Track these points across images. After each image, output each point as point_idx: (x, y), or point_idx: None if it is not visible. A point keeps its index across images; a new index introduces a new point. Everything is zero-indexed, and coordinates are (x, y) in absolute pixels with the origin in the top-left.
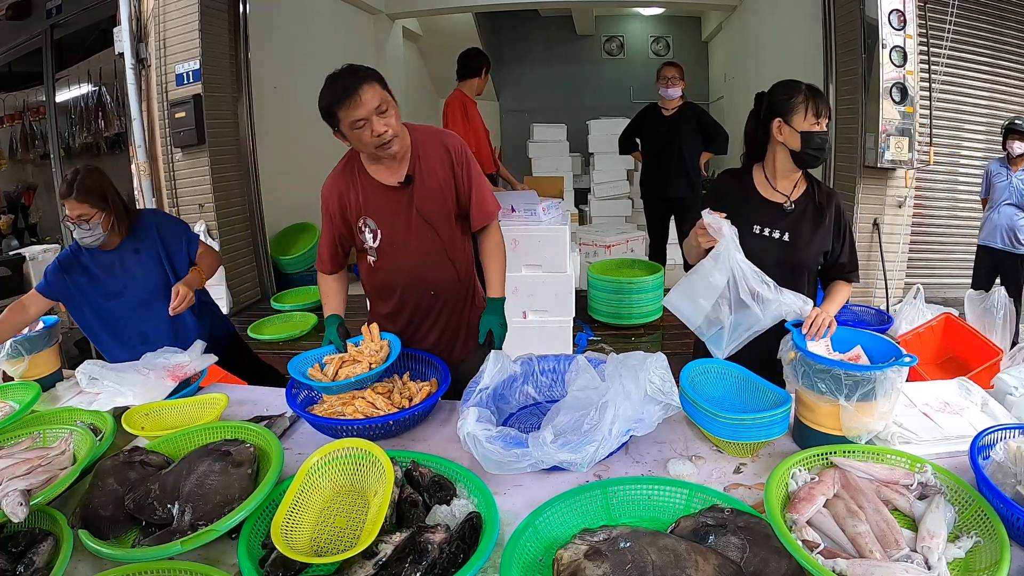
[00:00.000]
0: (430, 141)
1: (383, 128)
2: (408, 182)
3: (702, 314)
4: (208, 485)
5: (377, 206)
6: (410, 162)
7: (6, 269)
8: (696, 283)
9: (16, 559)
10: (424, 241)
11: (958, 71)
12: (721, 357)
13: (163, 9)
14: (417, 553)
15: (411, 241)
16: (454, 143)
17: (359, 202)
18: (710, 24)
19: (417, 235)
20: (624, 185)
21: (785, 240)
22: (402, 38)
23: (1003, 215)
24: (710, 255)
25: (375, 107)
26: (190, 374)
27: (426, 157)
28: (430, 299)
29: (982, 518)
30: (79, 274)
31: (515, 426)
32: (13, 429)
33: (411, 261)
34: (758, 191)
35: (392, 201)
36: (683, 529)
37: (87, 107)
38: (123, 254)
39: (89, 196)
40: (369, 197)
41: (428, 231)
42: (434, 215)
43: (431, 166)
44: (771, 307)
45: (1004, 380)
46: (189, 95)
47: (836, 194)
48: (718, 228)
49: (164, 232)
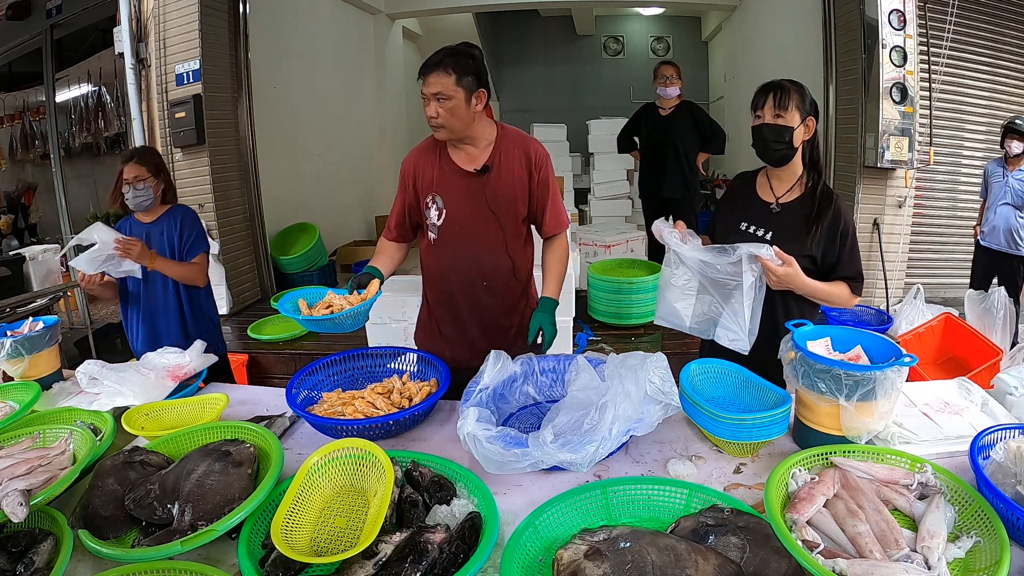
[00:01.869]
0: (515, 142)
1: (434, 113)
2: (484, 171)
3: (687, 318)
4: (208, 485)
5: (449, 186)
6: (491, 154)
7: (6, 269)
8: (666, 294)
9: (16, 559)
10: (488, 230)
11: (958, 71)
12: (746, 350)
13: (163, 9)
14: (417, 553)
15: (476, 227)
16: (537, 150)
17: (432, 179)
18: (710, 24)
19: (483, 223)
20: (624, 185)
21: (767, 239)
22: (402, 38)
23: (1000, 215)
24: (663, 264)
25: (434, 93)
26: (190, 374)
27: (507, 154)
28: (483, 288)
29: (982, 518)
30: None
31: (515, 426)
32: (13, 429)
33: (471, 246)
34: (756, 191)
35: (465, 185)
36: (683, 529)
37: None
38: (152, 232)
39: (146, 163)
40: (444, 177)
41: (493, 222)
42: (502, 208)
43: (510, 164)
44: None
45: (1004, 380)
46: (189, 95)
47: (838, 199)
48: (659, 233)
49: (184, 227)
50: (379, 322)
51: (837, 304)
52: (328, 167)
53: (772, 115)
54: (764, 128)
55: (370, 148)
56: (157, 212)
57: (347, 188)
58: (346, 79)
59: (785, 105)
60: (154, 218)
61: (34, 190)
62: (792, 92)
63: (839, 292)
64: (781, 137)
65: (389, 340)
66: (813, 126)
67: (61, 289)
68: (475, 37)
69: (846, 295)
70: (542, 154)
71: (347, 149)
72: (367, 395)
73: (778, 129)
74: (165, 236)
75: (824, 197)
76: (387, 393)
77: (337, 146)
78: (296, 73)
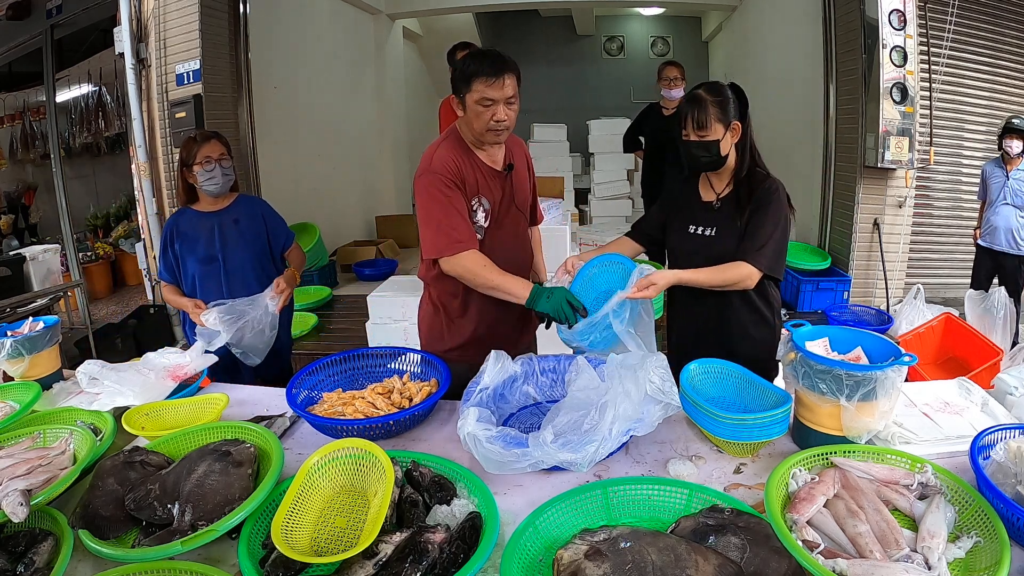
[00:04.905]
0: (513, 139)
1: (505, 116)
2: (510, 168)
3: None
4: (208, 485)
5: (489, 187)
6: (505, 153)
7: (6, 269)
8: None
9: (16, 559)
10: (518, 226)
11: (958, 71)
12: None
13: (163, 9)
14: (417, 553)
15: (510, 224)
16: (525, 147)
17: (475, 181)
18: (710, 24)
19: (514, 219)
20: (624, 185)
21: (711, 235)
22: (402, 38)
23: (1002, 216)
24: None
25: (508, 96)
26: (190, 374)
27: (515, 152)
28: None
29: (982, 518)
30: (178, 242)
31: (515, 426)
32: (13, 429)
33: (509, 243)
34: (699, 193)
35: (499, 184)
36: (683, 529)
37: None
38: (222, 221)
39: (225, 143)
40: (483, 178)
41: (520, 217)
42: (522, 204)
43: (519, 161)
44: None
45: (1004, 380)
46: (189, 95)
47: (766, 180)
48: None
49: (270, 218)
50: (379, 322)
51: (735, 282)
52: (328, 167)
53: (695, 134)
54: (690, 145)
55: (370, 148)
56: (227, 199)
57: (347, 188)
58: (346, 79)
59: (704, 123)
60: (223, 206)
61: (34, 190)
62: (709, 106)
63: (731, 272)
64: (708, 151)
65: (389, 340)
66: (739, 129)
67: (61, 289)
68: (475, 37)
69: (743, 272)
70: (528, 151)
71: (347, 149)
72: (367, 395)
73: (703, 145)
74: (241, 225)
75: (751, 181)
76: (387, 393)
77: (337, 146)
78: (296, 73)
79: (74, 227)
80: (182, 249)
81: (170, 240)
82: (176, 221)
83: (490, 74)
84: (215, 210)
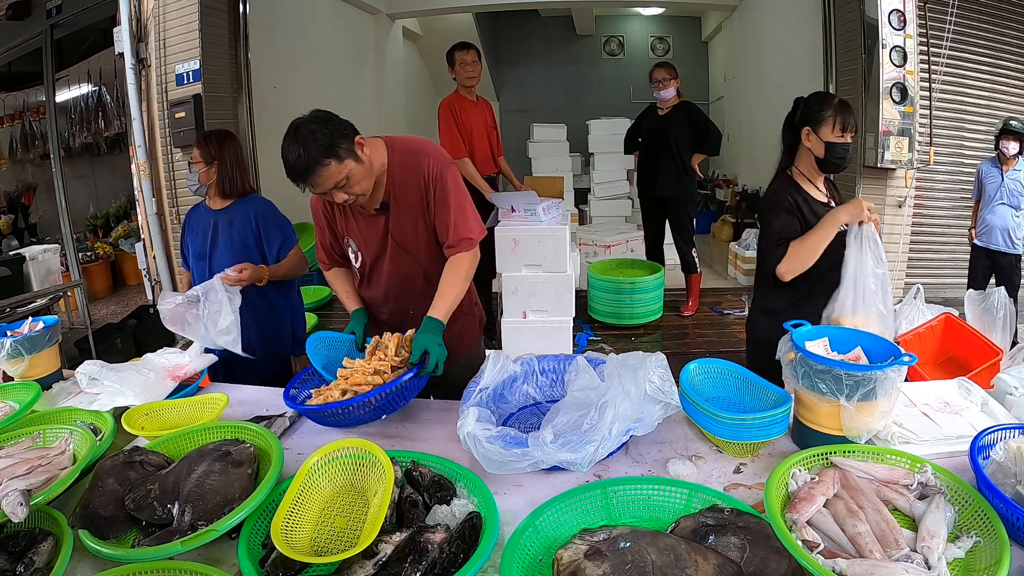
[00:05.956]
0: (407, 164)
1: (344, 198)
2: (384, 208)
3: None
4: (208, 485)
5: (357, 229)
6: (386, 187)
7: (6, 269)
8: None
9: (16, 559)
10: (399, 265)
11: (958, 71)
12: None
13: (163, 9)
14: (417, 553)
15: (386, 265)
16: (430, 165)
17: (343, 223)
18: (710, 24)
19: (392, 260)
20: (624, 185)
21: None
22: (402, 38)
23: (998, 215)
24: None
25: (331, 186)
26: (190, 374)
27: (402, 182)
28: (411, 317)
29: (982, 518)
30: (187, 234)
31: (515, 426)
32: (13, 429)
33: (388, 283)
34: (812, 196)
35: (370, 226)
36: (683, 529)
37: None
38: (220, 220)
39: (203, 146)
40: (350, 220)
41: (404, 255)
42: (408, 240)
43: (406, 192)
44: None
45: (1004, 380)
46: (189, 95)
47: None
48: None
49: (264, 222)
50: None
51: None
52: None
53: (849, 136)
54: (844, 147)
55: None
56: (230, 199)
57: None
58: (346, 79)
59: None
60: (224, 205)
61: (34, 190)
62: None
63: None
64: (849, 154)
65: None
66: None
67: (61, 289)
68: (475, 37)
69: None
70: (436, 167)
71: None
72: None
73: (848, 147)
74: (232, 226)
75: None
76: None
77: None
78: (296, 73)
79: (74, 227)
80: (188, 241)
81: (184, 231)
82: (190, 214)
83: (297, 180)
84: (217, 208)
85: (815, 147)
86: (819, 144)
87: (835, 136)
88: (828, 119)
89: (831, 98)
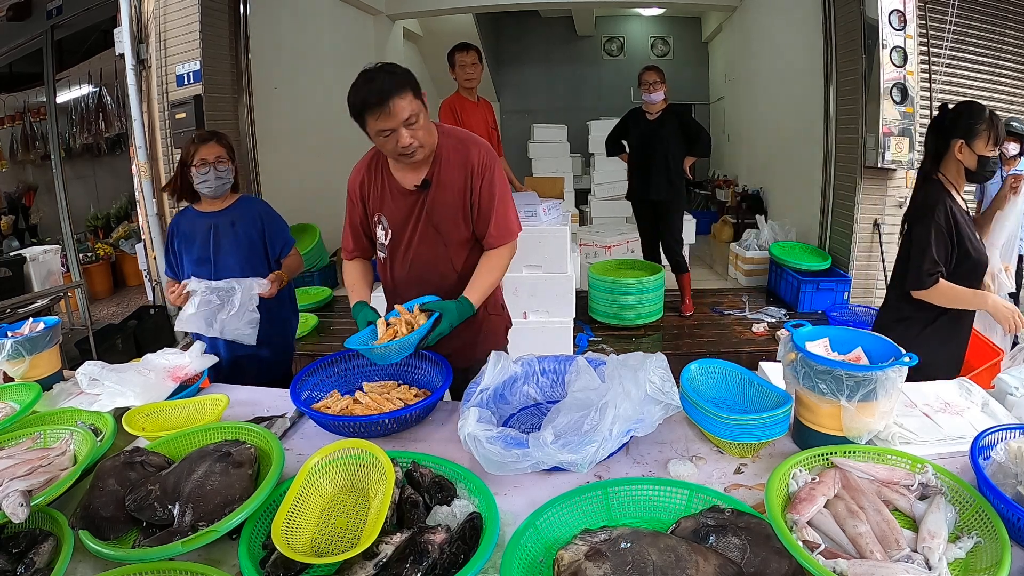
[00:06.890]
0: (457, 148)
1: (409, 140)
2: (425, 186)
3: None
4: (209, 486)
5: (391, 206)
6: (432, 165)
7: (6, 270)
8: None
9: (17, 560)
10: (428, 247)
11: (958, 71)
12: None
13: (163, 10)
14: (418, 554)
15: (415, 244)
16: (481, 154)
17: (377, 198)
18: (710, 24)
19: (421, 240)
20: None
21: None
22: (402, 38)
23: None
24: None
25: (404, 119)
26: (191, 375)
27: (448, 163)
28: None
29: (983, 518)
30: (178, 242)
31: (515, 427)
32: (14, 429)
33: (413, 264)
34: (959, 202)
35: (406, 203)
36: (684, 530)
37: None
38: (220, 222)
39: (226, 145)
40: (386, 196)
41: (434, 237)
42: (444, 223)
43: (451, 174)
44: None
45: (1005, 380)
46: (189, 95)
47: None
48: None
49: (268, 222)
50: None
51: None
52: (328, 167)
53: (999, 149)
54: (992, 160)
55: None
56: (226, 200)
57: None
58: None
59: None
60: (222, 207)
61: (35, 191)
62: None
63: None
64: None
65: None
66: None
67: (62, 290)
68: (475, 38)
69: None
70: (485, 159)
71: (347, 149)
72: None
73: (998, 160)
74: (236, 227)
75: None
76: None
77: (337, 146)
78: (296, 73)
79: (74, 228)
80: (180, 248)
81: (171, 238)
82: (178, 220)
83: (374, 105)
84: (214, 211)
85: (967, 159)
86: (972, 157)
87: (988, 150)
88: (983, 133)
89: (984, 111)
